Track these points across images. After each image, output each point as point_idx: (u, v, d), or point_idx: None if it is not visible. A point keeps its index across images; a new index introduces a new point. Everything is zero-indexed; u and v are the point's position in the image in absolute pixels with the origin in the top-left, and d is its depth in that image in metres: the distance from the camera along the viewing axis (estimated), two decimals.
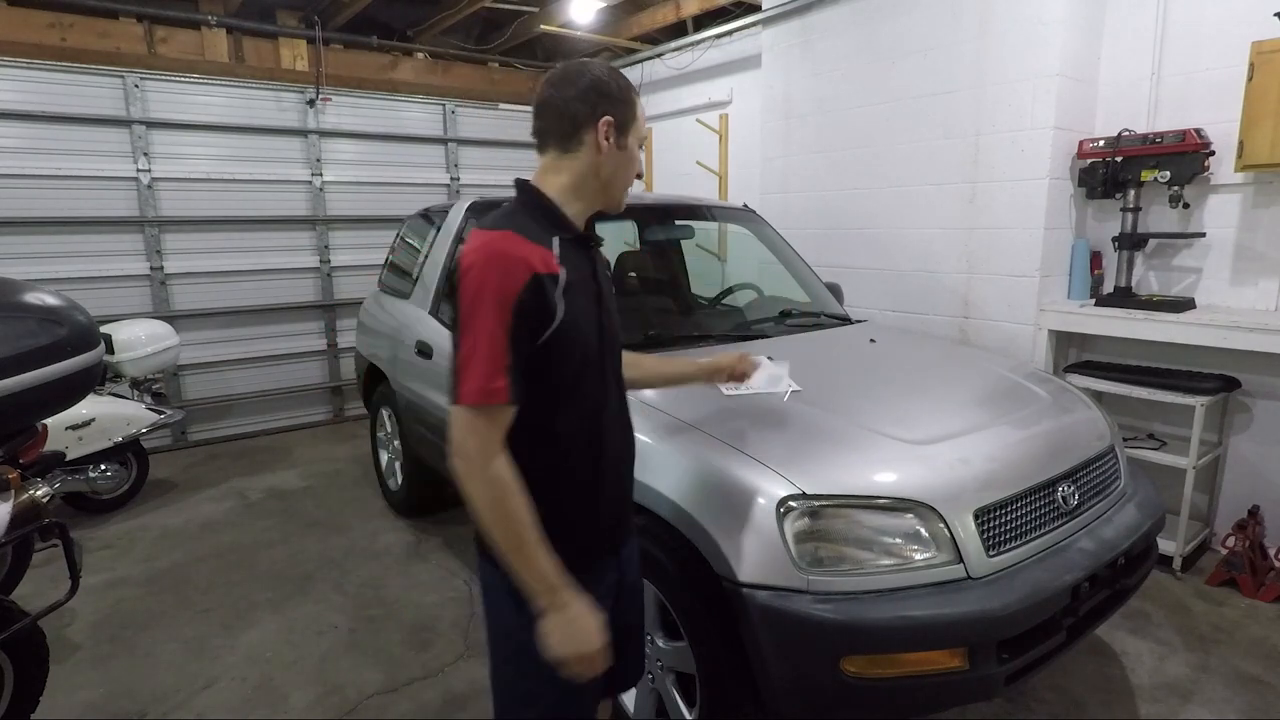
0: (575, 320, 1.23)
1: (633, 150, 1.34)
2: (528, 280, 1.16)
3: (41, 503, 2.08)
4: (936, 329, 3.92)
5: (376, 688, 2.51)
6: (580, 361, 1.26)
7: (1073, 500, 1.98)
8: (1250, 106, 2.91)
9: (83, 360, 2.11)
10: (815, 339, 2.87)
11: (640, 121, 1.35)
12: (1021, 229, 3.52)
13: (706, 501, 1.79)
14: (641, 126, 1.35)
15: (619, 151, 1.31)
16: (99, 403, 3.83)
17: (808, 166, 4.53)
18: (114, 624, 2.93)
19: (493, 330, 1.14)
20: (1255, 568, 3.01)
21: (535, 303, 1.17)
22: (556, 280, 1.20)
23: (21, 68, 4.47)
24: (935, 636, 1.64)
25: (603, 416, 1.34)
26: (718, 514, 1.76)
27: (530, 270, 1.17)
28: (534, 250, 1.20)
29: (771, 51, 4.69)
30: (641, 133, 1.36)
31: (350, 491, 4.35)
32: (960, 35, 3.67)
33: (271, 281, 5.46)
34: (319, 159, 5.51)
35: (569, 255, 1.26)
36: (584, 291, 1.28)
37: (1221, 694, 2.40)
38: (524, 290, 1.15)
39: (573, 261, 1.26)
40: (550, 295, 1.19)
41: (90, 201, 4.75)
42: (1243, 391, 3.23)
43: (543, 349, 1.20)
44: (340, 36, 5.77)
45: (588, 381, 1.29)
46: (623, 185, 1.36)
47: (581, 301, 1.26)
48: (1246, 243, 3.21)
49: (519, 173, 1.40)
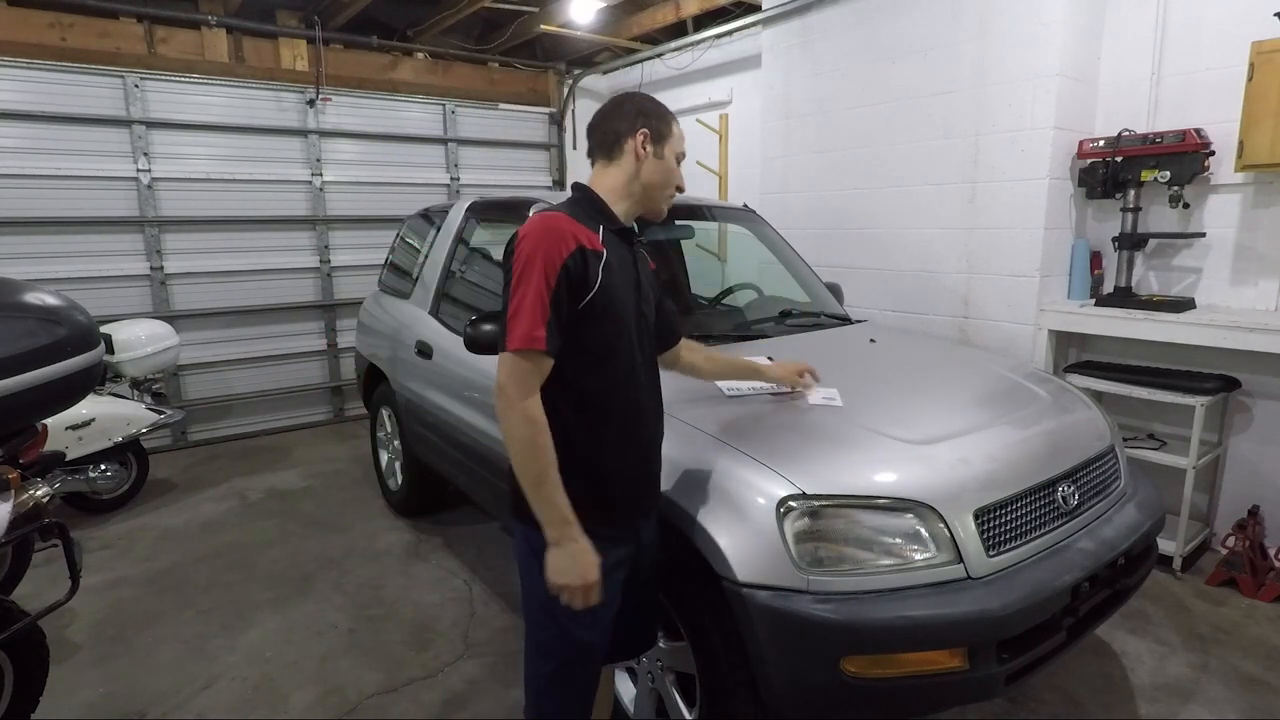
0: (611, 295, 1.44)
1: (670, 162, 1.56)
2: (574, 249, 1.38)
3: (41, 503, 2.08)
4: (936, 329, 3.91)
5: (376, 688, 2.51)
6: (613, 334, 1.46)
7: (1073, 500, 1.98)
8: (1250, 106, 2.91)
9: (83, 360, 2.11)
10: (815, 339, 2.87)
11: (677, 137, 1.57)
12: (1021, 229, 3.52)
13: (706, 501, 1.79)
14: (679, 142, 1.58)
15: (656, 160, 1.53)
16: (99, 403, 3.83)
17: (808, 166, 4.53)
18: (114, 624, 2.93)
19: (539, 289, 1.35)
20: (1255, 568, 3.01)
21: (579, 270, 1.38)
22: (600, 256, 1.43)
23: (21, 68, 4.47)
24: (935, 636, 1.64)
25: (630, 389, 1.51)
26: (718, 513, 1.76)
27: (577, 242, 1.39)
28: (582, 230, 1.43)
29: (771, 51, 4.68)
30: (679, 148, 1.57)
31: (350, 491, 4.36)
32: (960, 35, 3.67)
33: (271, 281, 5.47)
34: (319, 159, 5.51)
35: (612, 242, 1.49)
36: (622, 274, 1.50)
37: (1221, 694, 2.40)
38: (570, 258, 1.37)
39: (614, 248, 1.49)
40: (592, 266, 1.40)
41: (90, 201, 4.75)
42: (1243, 391, 3.23)
43: (580, 315, 1.41)
44: (340, 36, 5.76)
45: (619, 355, 1.47)
46: (663, 192, 1.57)
47: (619, 282, 1.47)
48: (1246, 243, 3.21)
49: (519, 173, 1.52)
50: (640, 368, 1.54)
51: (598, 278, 1.41)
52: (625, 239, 1.57)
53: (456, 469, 3.15)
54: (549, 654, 1.54)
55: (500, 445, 1.76)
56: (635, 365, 1.52)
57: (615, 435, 1.51)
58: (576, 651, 1.54)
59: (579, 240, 1.40)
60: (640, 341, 1.55)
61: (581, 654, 1.54)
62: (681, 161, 1.61)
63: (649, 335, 1.60)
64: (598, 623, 1.53)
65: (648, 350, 1.59)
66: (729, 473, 1.79)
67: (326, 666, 2.63)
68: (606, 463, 1.51)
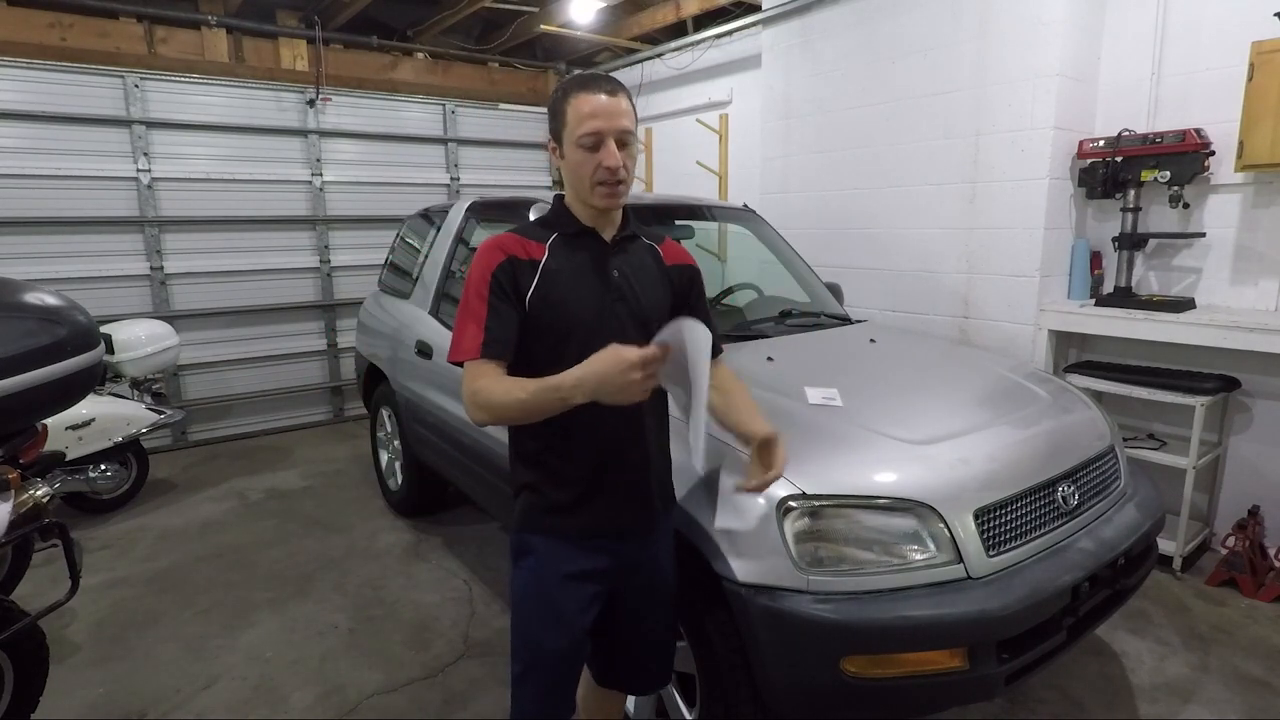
0: (553, 302, 1.41)
1: (575, 155, 1.39)
2: (502, 260, 1.41)
3: (41, 503, 2.08)
4: (936, 329, 3.91)
5: (376, 688, 2.51)
6: (560, 341, 1.40)
7: (1073, 500, 1.98)
8: (1250, 106, 2.91)
9: (83, 360, 2.11)
10: (815, 339, 2.86)
11: (572, 124, 1.38)
12: (1021, 229, 3.52)
13: (706, 501, 1.78)
14: (578, 125, 1.37)
15: (566, 161, 1.43)
16: (99, 403, 3.83)
17: (808, 166, 4.53)
18: (114, 624, 2.93)
19: (472, 302, 1.40)
20: (1255, 568, 3.01)
21: (508, 278, 1.40)
22: (535, 264, 1.42)
23: (21, 68, 4.47)
24: (935, 636, 1.64)
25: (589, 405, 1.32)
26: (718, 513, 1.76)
27: (506, 253, 1.42)
28: (520, 242, 1.44)
29: (771, 51, 4.68)
30: (580, 131, 1.37)
31: (350, 491, 4.35)
32: (960, 35, 3.67)
33: (271, 281, 5.46)
34: (319, 159, 5.51)
35: (565, 247, 1.46)
36: (577, 279, 1.44)
37: (1221, 694, 2.40)
38: (498, 268, 1.40)
39: (569, 253, 1.46)
40: (523, 274, 1.41)
41: (90, 201, 4.74)
42: (1243, 391, 3.23)
43: (529, 320, 1.41)
44: (340, 36, 5.77)
45: (569, 360, 1.30)
46: (585, 186, 1.41)
47: (568, 286, 1.43)
48: (1246, 243, 3.21)
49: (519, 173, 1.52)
50: None
51: (531, 283, 1.41)
52: (587, 241, 1.48)
53: (456, 469, 3.15)
54: (515, 656, 1.53)
55: (501, 445, 1.77)
56: None
57: (579, 452, 1.46)
58: (536, 656, 1.50)
59: (508, 252, 1.41)
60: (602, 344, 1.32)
61: (541, 659, 1.50)
62: (598, 138, 1.36)
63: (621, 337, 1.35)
64: (560, 628, 1.49)
65: None
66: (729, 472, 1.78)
67: (326, 666, 2.63)
68: (567, 474, 1.48)
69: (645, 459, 1.52)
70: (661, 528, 1.62)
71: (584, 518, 1.49)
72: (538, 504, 1.50)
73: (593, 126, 1.36)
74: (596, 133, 1.36)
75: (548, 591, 1.49)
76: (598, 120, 1.36)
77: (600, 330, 1.40)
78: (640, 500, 1.54)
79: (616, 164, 1.37)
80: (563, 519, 1.48)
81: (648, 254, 1.57)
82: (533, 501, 1.51)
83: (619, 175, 1.39)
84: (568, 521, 1.48)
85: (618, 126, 1.37)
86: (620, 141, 1.38)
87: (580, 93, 1.38)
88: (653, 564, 1.60)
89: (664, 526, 1.64)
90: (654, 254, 1.58)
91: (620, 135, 1.38)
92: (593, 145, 1.37)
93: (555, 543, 1.49)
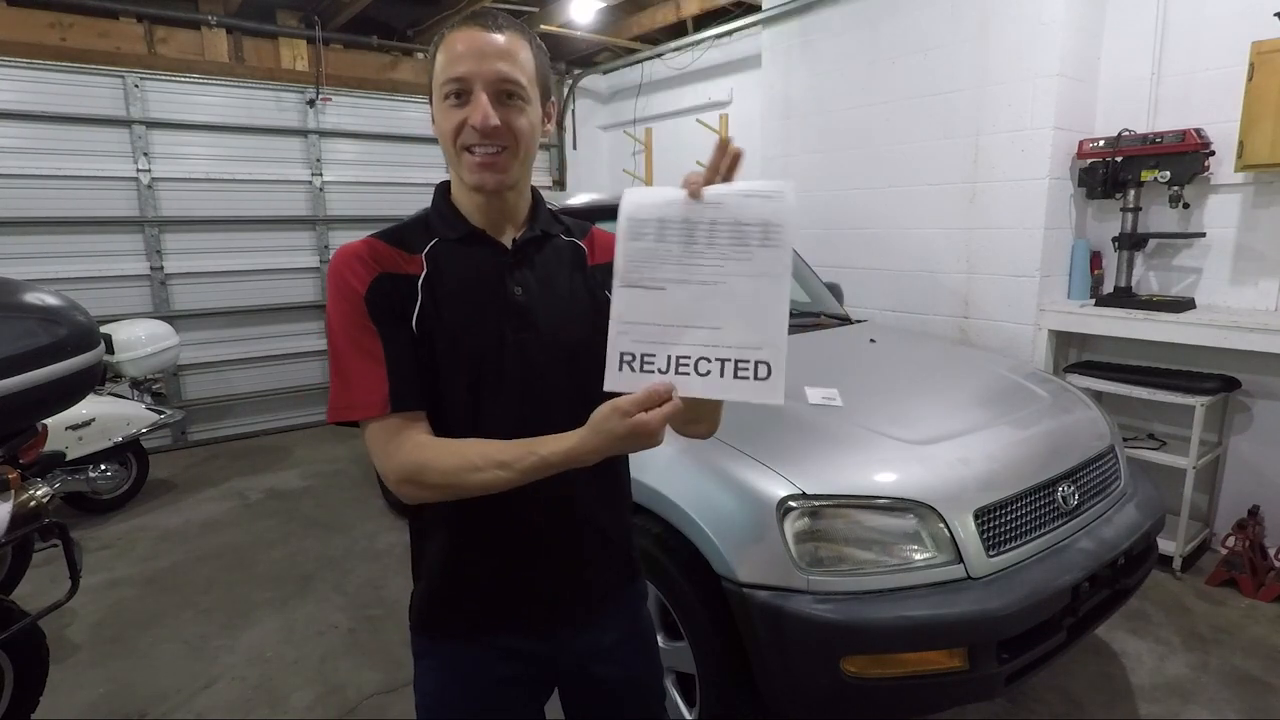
0: (443, 328, 1.03)
1: (439, 115, 1.02)
2: (376, 276, 1.03)
3: (42, 503, 2.08)
4: (936, 329, 3.91)
5: (376, 688, 2.50)
6: (446, 378, 1.03)
7: (1073, 500, 1.98)
8: (1250, 106, 2.91)
9: (83, 360, 2.11)
10: (815, 339, 2.87)
11: (439, 68, 1.00)
12: (1021, 229, 3.52)
13: (707, 501, 1.79)
14: (443, 71, 0.99)
15: (435, 128, 1.04)
16: (99, 403, 3.83)
17: (808, 166, 4.52)
18: (114, 624, 2.93)
19: (357, 336, 1.02)
20: (1255, 568, 3.01)
21: (385, 299, 1.03)
22: (414, 280, 1.04)
23: (21, 68, 4.47)
24: (935, 636, 1.64)
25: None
26: (718, 513, 1.76)
27: (379, 268, 1.04)
28: (389, 251, 1.06)
29: (771, 51, 4.68)
30: (445, 77, 0.99)
31: (350, 491, 4.35)
32: (960, 35, 3.67)
33: (271, 281, 5.46)
34: (319, 159, 5.51)
35: (449, 258, 1.06)
36: (464, 300, 1.05)
37: (1221, 694, 2.40)
38: (372, 287, 1.02)
39: (452, 265, 1.06)
40: (401, 293, 1.03)
41: (90, 201, 4.74)
42: (1243, 391, 3.23)
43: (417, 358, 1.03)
44: (340, 36, 5.76)
45: (457, 410, 1.03)
46: (450, 153, 1.02)
47: (456, 309, 1.04)
48: (1246, 243, 3.21)
49: None
50: (514, 425, 1.00)
51: (414, 309, 1.02)
52: (477, 250, 1.07)
53: None
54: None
55: None
56: (495, 420, 1.03)
57: (476, 531, 1.08)
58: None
59: (380, 265, 1.04)
60: (520, 389, 1.04)
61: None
62: (464, 85, 0.98)
63: (538, 371, 1.05)
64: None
65: (553, 397, 1.06)
66: (729, 473, 1.78)
67: (326, 666, 2.63)
68: (451, 565, 1.11)
69: (585, 536, 1.14)
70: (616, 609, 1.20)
71: (495, 604, 1.12)
72: (423, 592, 1.14)
73: (455, 71, 0.98)
74: (460, 79, 0.98)
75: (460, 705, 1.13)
76: (464, 64, 0.97)
77: (504, 375, 1.04)
78: (582, 586, 1.15)
79: (488, 120, 0.96)
80: (458, 618, 1.13)
81: (566, 256, 1.13)
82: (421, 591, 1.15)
83: (495, 137, 0.98)
84: (464, 620, 1.12)
85: (492, 71, 0.97)
86: (502, 92, 0.98)
87: (451, 32, 1.00)
88: (608, 648, 1.18)
89: (625, 606, 1.22)
90: (575, 254, 1.14)
91: (497, 83, 0.98)
92: (457, 96, 0.99)
93: (459, 644, 1.13)
